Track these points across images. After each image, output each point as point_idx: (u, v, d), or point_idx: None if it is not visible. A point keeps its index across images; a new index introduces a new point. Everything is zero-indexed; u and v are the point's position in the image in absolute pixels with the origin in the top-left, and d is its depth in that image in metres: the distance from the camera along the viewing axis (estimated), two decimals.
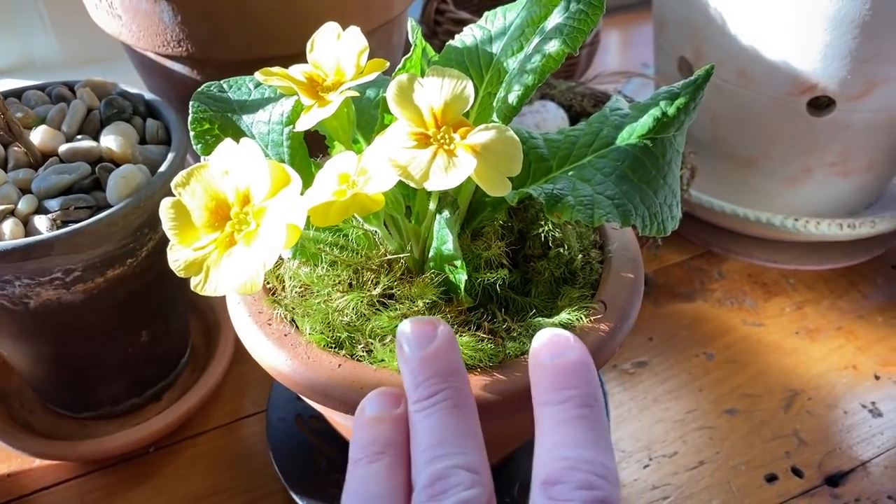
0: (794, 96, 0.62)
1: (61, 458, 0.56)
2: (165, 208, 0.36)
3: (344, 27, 0.40)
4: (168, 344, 0.58)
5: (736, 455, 0.57)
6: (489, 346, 0.38)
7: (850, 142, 0.65)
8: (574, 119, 0.73)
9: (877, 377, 0.63)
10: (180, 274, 0.36)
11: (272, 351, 0.39)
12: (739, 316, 0.68)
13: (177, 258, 0.36)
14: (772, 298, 0.70)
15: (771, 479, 0.56)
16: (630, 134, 0.41)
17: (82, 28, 0.85)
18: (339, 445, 0.55)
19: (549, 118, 0.70)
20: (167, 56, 0.60)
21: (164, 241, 0.51)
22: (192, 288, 0.35)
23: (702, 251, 0.75)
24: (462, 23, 0.83)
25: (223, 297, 0.66)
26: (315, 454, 0.54)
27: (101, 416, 0.58)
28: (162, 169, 0.49)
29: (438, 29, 0.85)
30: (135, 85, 0.61)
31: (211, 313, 0.65)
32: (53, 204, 0.46)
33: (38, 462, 0.57)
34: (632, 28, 1.14)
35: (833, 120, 0.63)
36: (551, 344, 0.34)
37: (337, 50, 0.40)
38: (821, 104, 0.63)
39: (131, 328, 0.53)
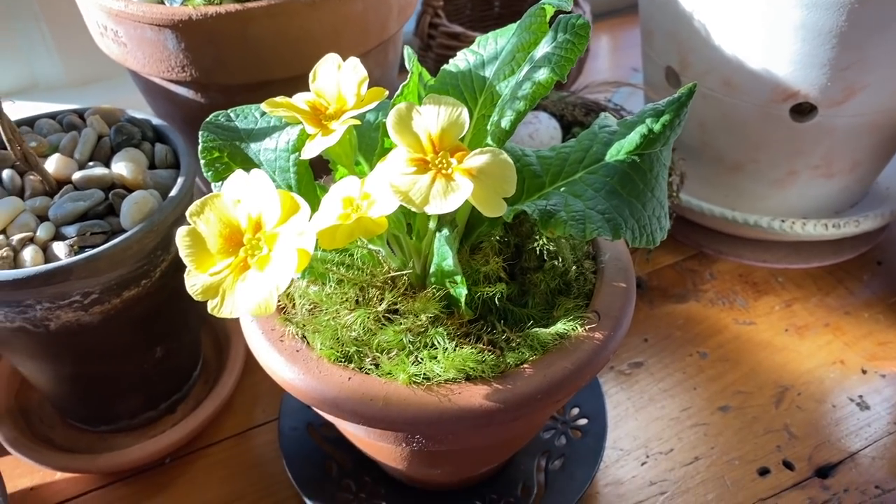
0: (777, 103, 0.65)
1: (82, 471, 0.58)
2: (181, 236, 0.38)
3: (341, 50, 0.42)
4: (181, 358, 0.60)
5: (730, 450, 0.60)
6: (490, 357, 0.41)
7: (834, 145, 0.67)
8: (566, 128, 0.75)
9: (864, 371, 0.65)
10: (198, 298, 0.38)
11: (285, 366, 0.42)
12: (731, 315, 0.71)
13: (194, 283, 0.38)
14: (762, 297, 0.72)
15: (763, 472, 0.58)
16: (618, 150, 0.43)
17: (85, 50, 0.87)
18: (350, 453, 0.57)
19: (542, 128, 0.72)
20: (172, 80, 0.62)
21: (177, 261, 0.54)
22: (209, 311, 0.37)
23: (693, 252, 0.77)
24: (455, 36, 0.85)
25: None
26: (327, 461, 0.57)
27: (118, 430, 0.61)
28: (173, 194, 0.51)
29: (432, 42, 0.87)
30: (137, 104, 0.64)
31: (220, 327, 0.67)
32: (70, 230, 0.48)
33: (59, 475, 0.60)
34: (621, 32, 1.16)
35: (816, 125, 0.65)
36: None
37: (338, 79, 0.42)
38: (803, 110, 0.66)
39: (147, 345, 0.56)
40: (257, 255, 0.37)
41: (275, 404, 0.64)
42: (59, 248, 0.48)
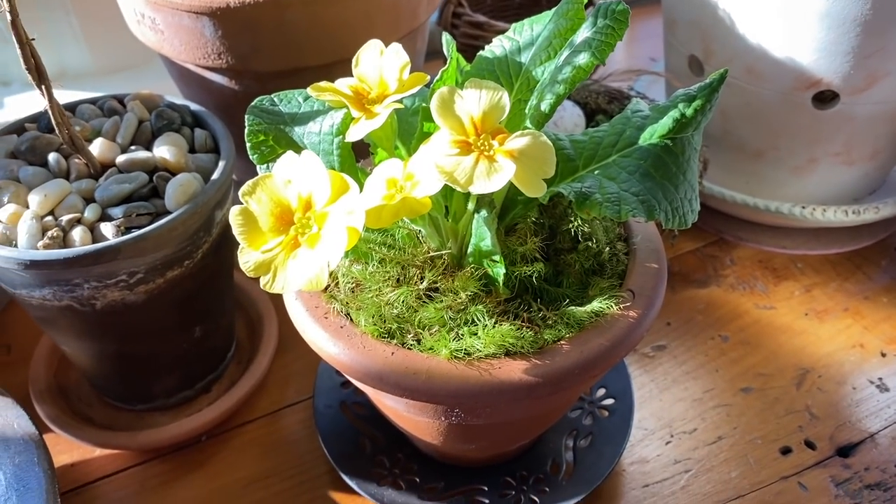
0: (799, 91, 0.66)
1: (121, 448, 0.60)
2: (234, 215, 0.39)
3: (374, 37, 0.43)
4: (217, 339, 0.62)
5: (752, 430, 0.61)
6: (528, 333, 0.42)
7: (854, 132, 0.68)
8: (589, 116, 0.77)
9: (883, 354, 0.66)
10: (250, 275, 0.39)
11: (330, 342, 0.43)
12: (751, 300, 0.72)
13: (247, 260, 0.39)
14: (781, 282, 0.74)
15: (786, 451, 0.60)
16: (651, 134, 0.44)
17: (113, 38, 0.89)
18: (383, 430, 0.59)
19: (566, 116, 0.74)
20: (207, 67, 0.64)
21: (217, 243, 0.55)
22: (261, 286, 0.39)
23: (714, 239, 0.79)
24: (478, 25, 0.87)
25: (264, 294, 0.70)
26: (360, 438, 0.58)
27: (155, 409, 0.62)
28: (215, 177, 0.53)
29: (455, 32, 0.88)
30: (167, 90, 0.65)
31: (253, 309, 0.69)
32: (116, 212, 0.50)
33: (98, 452, 0.62)
34: (639, 24, 1.17)
35: (837, 113, 0.66)
36: None
37: (380, 64, 0.44)
38: (825, 98, 0.67)
39: (186, 325, 0.57)
40: (308, 233, 0.38)
41: (307, 384, 0.65)
42: (107, 228, 0.49)
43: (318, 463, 0.60)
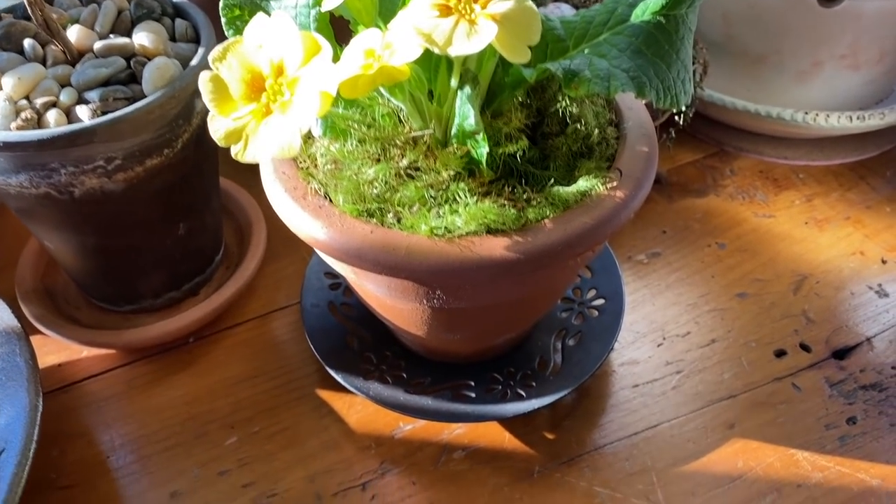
0: None
1: (107, 346, 0.60)
2: (204, 81, 0.38)
3: None
4: (203, 239, 0.61)
5: (746, 334, 0.60)
6: (511, 211, 0.41)
7: (861, 33, 0.66)
8: None
9: (884, 261, 0.65)
10: (221, 143, 0.38)
11: (309, 221, 0.42)
12: (750, 209, 0.70)
13: (217, 128, 0.38)
14: (782, 192, 0.72)
15: (780, 354, 0.59)
16: (644, 11, 0.42)
17: None
18: (371, 329, 0.58)
19: (561, 14, 0.71)
20: None
21: (198, 134, 0.54)
22: (232, 156, 0.38)
23: (714, 150, 0.77)
24: None
25: (253, 200, 0.68)
26: (348, 336, 0.58)
27: (142, 310, 0.62)
28: (194, 62, 0.51)
29: None
30: None
31: (242, 215, 0.68)
32: (93, 95, 0.49)
33: (85, 353, 0.61)
34: None
35: (843, 11, 0.64)
36: None
37: None
38: None
39: (169, 220, 0.56)
40: (279, 99, 0.37)
41: (297, 289, 0.65)
42: (83, 111, 0.48)
43: (306, 363, 0.60)
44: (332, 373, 0.55)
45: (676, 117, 0.66)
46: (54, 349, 0.61)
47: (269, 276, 0.66)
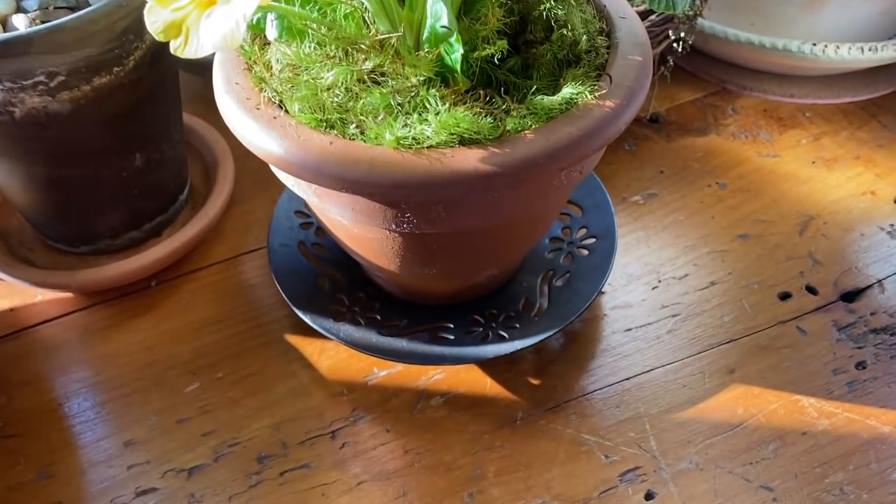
0: None
1: (61, 288, 0.56)
2: None
3: None
4: (164, 174, 0.57)
5: (748, 276, 0.56)
6: (487, 120, 0.37)
7: None
8: None
9: None
10: (159, 37, 0.34)
11: (262, 134, 0.38)
12: (754, 148, 0.66)
13: (155, 20, 0.34)
14: (787, 131, 0.67)
15: (785, 296, 0.55)
16: None
17: None
18: (345, 271, 0.54)
19: None
20: None
21: (153, 53, 0.50)
22: (171, 51, 0.34)
23: (716, 89, 0.72)
24: None
25: (221, 137, 0.64)
26: (319, 277, 0.53)
27: (100, 251, 0.58)
28: None
29: None
30: None
31: (209, 153, 0.63)
32: (32, 4, 0.44)
33: (40, 297, 0.57)
34: None
35: None
36: None
37: None
38: None
39: (124, 149, 0.52)
40: None
41: (267, 231, 0.60)
42: (19, 20, 0.44)
43: (275, 307, 0.56)
44: (300, 314, 0.51)
45: (675, 45, 0.61)
46: (6, 293, 0.57)
47: (237, 218, 0.62)
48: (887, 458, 0.46)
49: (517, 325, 0.49)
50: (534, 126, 0.37)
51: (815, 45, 0.64)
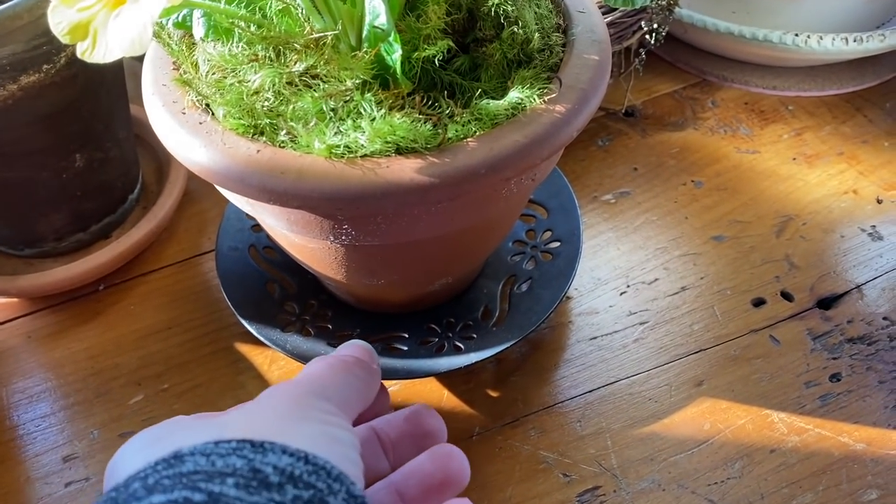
0: None
1: (2, 293, 0.53)
2: None
3: None
4: (110, 173, 0.54)
5: (721, 280, 0.53)
6: (426, 127, 0.34)
7: None
8: None
9: (879, 201, 0.58)
10: (64, 40, 0.31)
11: (186, 139, 0.35)
12: (733, 143, 0.63)
13: (59, 21, 0.31)
14: (768, 126, 0.65)
15: (758, 303, 0.52)
16: None
17: None
18: (298, 276, 0.51)
19: None
20: None
21: None
22: (79, 55, 0.31)
23: (695, 80, 0.69)
24: None
25: None
26: (269, 283, 0.51)
27: (45, 254, 0.55)
28: None
29: None
30: None
31: (162, 150, 0.60)
32: None
33: None
34: None
35: None
36: None
37: None
38: None
39: (61, 150, 0.49)
40: None
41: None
42: None
43: (226, 314, 0.53)
44: (246, 324, 0.48)
45: (647, 36, 0.58)
46: None
47: (191, 218, 0.59)
48: (859, 477, 0.44)
49: (474, 336, 0.47)
50: (478, 133, 0.35)
51: (797, 35, 0.62)
